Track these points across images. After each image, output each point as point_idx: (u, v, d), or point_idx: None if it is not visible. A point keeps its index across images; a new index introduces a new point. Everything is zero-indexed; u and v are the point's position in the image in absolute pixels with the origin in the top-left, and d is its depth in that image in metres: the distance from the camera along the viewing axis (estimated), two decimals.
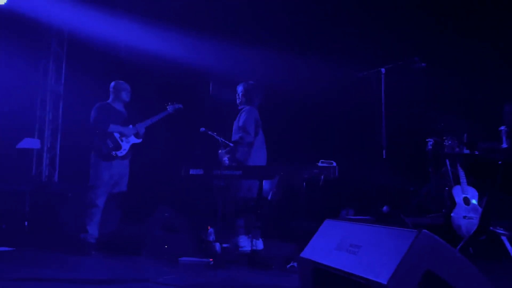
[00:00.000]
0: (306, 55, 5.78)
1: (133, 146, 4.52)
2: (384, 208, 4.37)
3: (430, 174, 4.64)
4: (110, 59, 6.45)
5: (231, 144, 3.97)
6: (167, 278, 3.06)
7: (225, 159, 4.05)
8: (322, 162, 3.87)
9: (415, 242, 1.95)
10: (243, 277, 3.20)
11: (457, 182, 3.81)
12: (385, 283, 1.86)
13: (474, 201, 3.72)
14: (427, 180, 4.69)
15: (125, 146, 4.40)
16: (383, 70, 4.86)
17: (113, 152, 4.29)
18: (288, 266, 3.41)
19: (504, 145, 4.27)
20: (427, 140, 4.58)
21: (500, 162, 2.99)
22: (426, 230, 2.00)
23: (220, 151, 4.06)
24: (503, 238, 2.69)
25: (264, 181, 3.87)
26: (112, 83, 4.58)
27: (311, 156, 4.22)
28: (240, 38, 5.98)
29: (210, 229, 3.98)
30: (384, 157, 4.75)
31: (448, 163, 4.07)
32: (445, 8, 5.33)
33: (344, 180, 4.87)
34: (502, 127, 4.29)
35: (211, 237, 3.97)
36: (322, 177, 3.81)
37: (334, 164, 4.09)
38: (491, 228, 2.79)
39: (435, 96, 5.08)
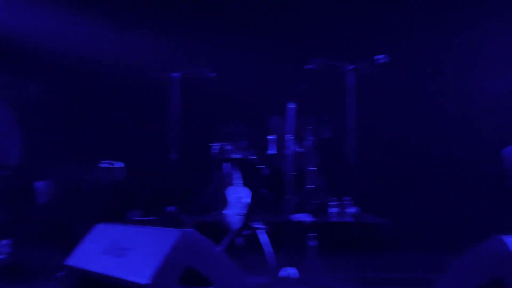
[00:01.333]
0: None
1: None
2: (170, 208, 4.52)
3: (212, 176, 5.04)
4: None
5: None
6: None
7: None
8: (104, 163, 3.71)
9: (178, 241, 2.07)
10: None
11: (233, 183, 4.24)
12: (145, 283, 1.91)
13: (246, 200, 4.20)
14: (210, 182, 5.07)
15: None
16: (177, 75, 5.04)
17: None
18: (59, 275, 3.13)
19: (273, 151, 5.01)
20: (211, 144, 4.97)
21: (263, 166, 3.48)
22: (190, 229, 2.15)
23: None
24: (258, 232, 3.12)
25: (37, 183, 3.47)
26: None
27: (94, 155, 4.02)
28: None
29: None
30: (173, 159, 4.92)
31: (228, 166, 4.51)
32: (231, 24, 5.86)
33: (130, 181, 4.82)
34: (271, 136, 5.03)
35: None
36: (104, 177, 3.66)
37: (121, 164, 4.01)
38: (250, 223, 3.21)
39: (222, 104, 5.55)
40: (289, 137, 4.03)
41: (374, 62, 3.98)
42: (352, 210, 4.56)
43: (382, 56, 3.95)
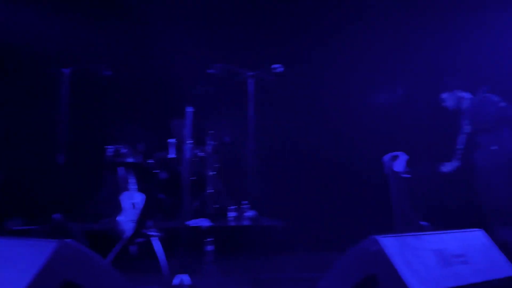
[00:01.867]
0: None
1: None
2: (56, 216, 4.14)
3: (106, 180, 4.76)
4: None
5: None
6: None
7: None
8: None
9: (54, 253, 1.89)
10: None
11: (128, 188, 4.04)
12: None
13: (141, 206, 4.03)
14: (103, 186, 4.78)
15: None
16: (66, 70, 4.65)
17: None
18: None
19: (172, 155, 4.90)
20: (106, 147, 4.68)
21: (160, 171, 3.38)
22: (68, 240, 1.99)
23: None
24: (152, 239, 3.03)
25: None
26: None
27: None
28: None
29: None
30: (60, 162, 4.52)
31: (122, 170, 4.28)
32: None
33: (10, 186, 4.33)
34: (172, 139, 4.92)
35: None
36: None
37: None
38: (144, 230, 3.10)
39: (118, 105, 5.28)
40: (188, 141, 3.99)
41: (271, 71, 4.16)
42: (249, 213, 4.66)
43: (278, 65, 4.16)
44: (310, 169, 5.65)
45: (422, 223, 3.72)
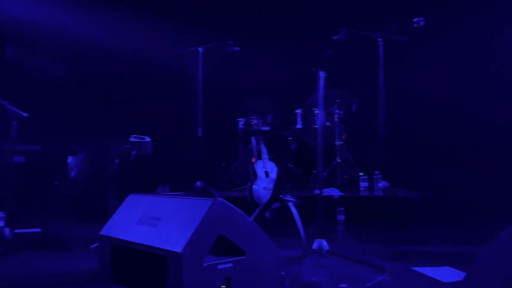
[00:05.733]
0: (125, 25, 5.45)
1: None
2: (198, 183, 4.54)
3: (239, 150, 5.02)
4: None
5: (25, 115, 3.45)
6: None
7: None
8: (134, 137, 3.72)
9: (209, 211, 2.05)
10: (35, 263, 2.85)
11: (260, 157, 4.20)
12: (180, 251, 1.91)
13: (273, 175, 4.17)
14: (237, 157, 5.05)
15: None
16: (200, 49, 4.98)
17: None
18: (92, 247, 3.21)
19: (299, 126, 4.93)
20: (238, 119, 4.93)
21: (290, 139, 3.42)
22: (220, 199, 2.13)
23: None
24: (290, 204, 3.10)
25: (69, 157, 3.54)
26: None
27: (123, 131, 4.02)
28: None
29: (1, 213, 3.44)
30: (199, 134, 4.91)
31: (253, 140, 4.47)
32: None
33: (159, 156, 4.84)
34: (298, 110, 4.94)
35: (1, 222, 3.44)
36: (134, 152, 3.67)
37: (148, 139, 4.01)
38: (281, 196, 3.18)
39: (246, 79, 5.46)
40: (317, 111, 3.94)
41: (413, 25, 3.83)
42: (381, 184, 4.47)
43: (421, 18, 3.82)
44: (445, 137, 5.15)
45: None
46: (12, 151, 3.23)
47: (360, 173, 4.68)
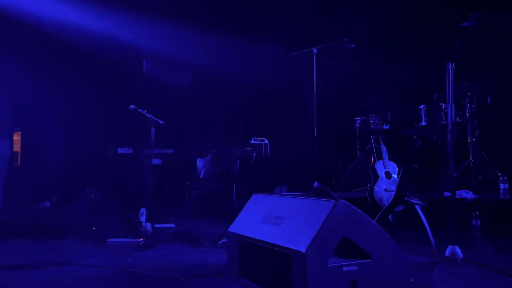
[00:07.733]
0: (239, 35, 5.75)
1: None
2: (315, 184, 4.53)
3: (357, 150, 4.87)
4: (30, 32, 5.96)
5: (161, 122, 3.86)
6: (92, 260, 2.95)
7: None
8: (254, 140, 3.89)
9: (333, 212, 2.03)
10: (172, 255, 3.16)
11: (380, 157, 4.02)
12: (304, 251, 1.93)
13: (394, 175, 3.95)
14: (354, 157, 4.91)
15: None
16: (315, 50, 4.97)
17: None
18: (220, 242, 3.43)
19: (423, 123, 4.58)
20: (355, 118, 4.79)
21: (415, 137, 3.20)
22: (343, 200, 2.09)
23: None
24: (417, 207, 2.89)
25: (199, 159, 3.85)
26: None
27: (244, 134, 4.25)
28: (175, 17, 5.82)
29: (142, 209, 3.90)
30: (315, 135, 4.91)
31: (372, 139, 4.29)
32: None
33: (276, 158, 4.97)
34: (421, 106, 4.59)
35: (143, 218, 3.89)
36: (254, 154, 3.84)
37: (266, 141, 4.15)
38: (406, 198, 2.99)
39: (362, 76, 5.28)
40: (445, 105, 3.62)
41: None
42: None
43: None
44: None
45: None
46: (151, 154, 3.64)
47: (498, 174, 4.15)
